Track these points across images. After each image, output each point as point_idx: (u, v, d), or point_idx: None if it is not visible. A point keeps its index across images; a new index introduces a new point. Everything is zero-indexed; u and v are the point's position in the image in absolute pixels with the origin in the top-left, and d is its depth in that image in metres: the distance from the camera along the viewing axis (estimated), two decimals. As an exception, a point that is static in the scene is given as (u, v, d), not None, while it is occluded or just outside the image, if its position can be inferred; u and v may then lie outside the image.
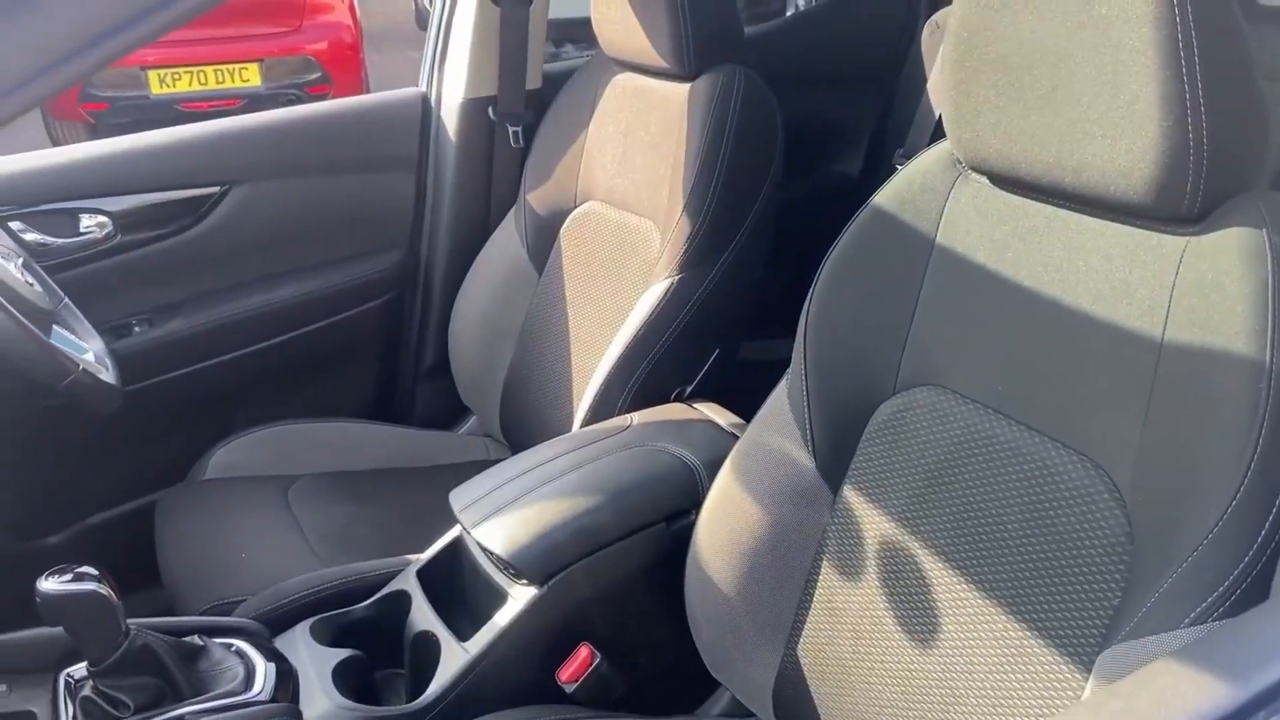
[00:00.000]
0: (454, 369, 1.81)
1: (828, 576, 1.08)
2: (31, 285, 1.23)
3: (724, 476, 1.13)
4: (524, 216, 1.73)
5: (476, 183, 1.83)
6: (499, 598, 1.15)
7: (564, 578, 1.14)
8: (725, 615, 1.11)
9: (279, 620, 1.23)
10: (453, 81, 1.81)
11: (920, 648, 0.99)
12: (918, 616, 1.00)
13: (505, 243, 1.75)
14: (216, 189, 1.70)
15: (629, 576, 1.18)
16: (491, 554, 1.14)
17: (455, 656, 1.13)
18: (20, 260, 1.34)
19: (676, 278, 1.40)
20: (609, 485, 1.19)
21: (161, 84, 5.13)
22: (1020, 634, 0.89)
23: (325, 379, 1.85)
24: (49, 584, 0.94)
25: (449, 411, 1.89)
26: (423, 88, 1.86)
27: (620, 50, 1.57)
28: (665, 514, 1.19)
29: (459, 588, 1.23)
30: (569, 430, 1.45)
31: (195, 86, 5.21)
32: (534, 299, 1.70)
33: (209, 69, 5.23)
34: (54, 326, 1.30)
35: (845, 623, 1.06)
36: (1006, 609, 0.92)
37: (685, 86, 1.47)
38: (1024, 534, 0.91)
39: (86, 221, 1.63)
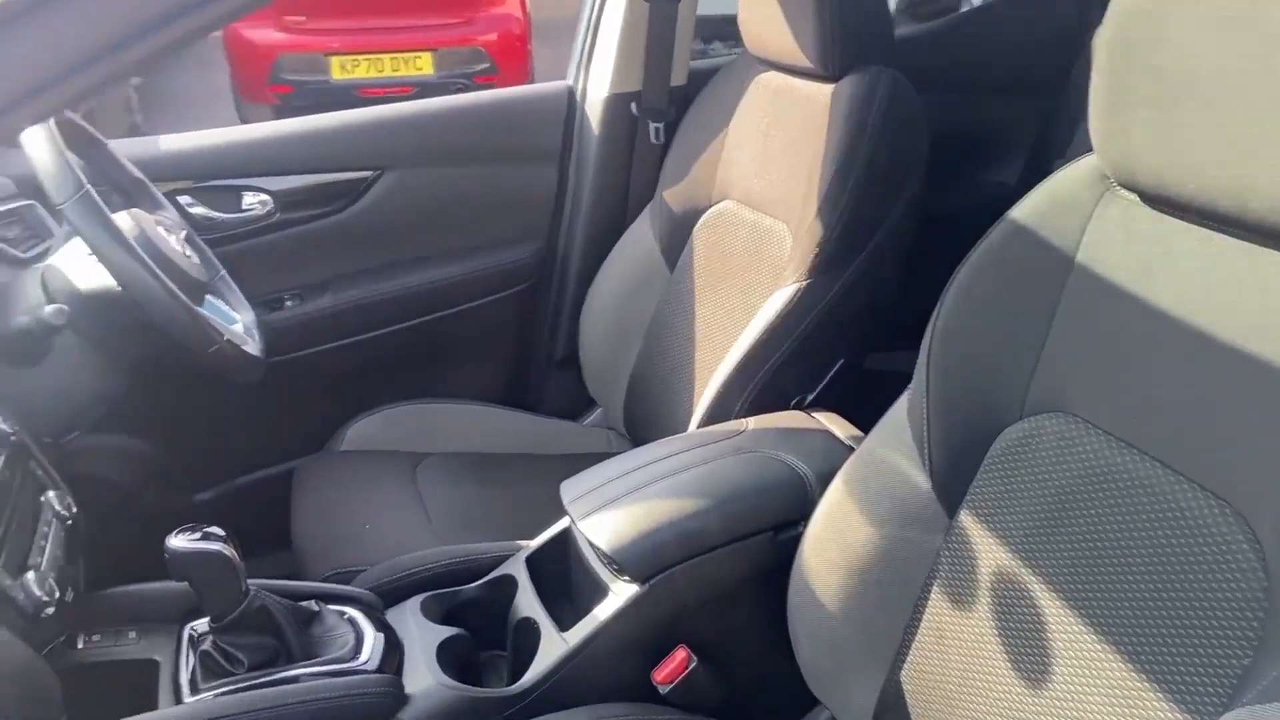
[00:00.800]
0: (582, 361, 1.83)
1: (938, 603, 1.03)
2: (189, 257, 1.31)
3: (835, 490, 1.10)
4: (659, 213, 1.73)
5: (616, 178, 1.84)
6: (601, 591, 1.16)
7: (666, 578, 1.13)
8: (828, 633, 1.08)
9: (393, 593, 1.27)
10: (598, 76, 1.82)
11: (1030, 687, 0.93)
12: (1030, 654, 0.95)
13: (639, 238, 1.76)
14: (370, 173, 1.78)
15: (732, 583, 1.17)
16: (596, 548, 1.15)
17: (554, 646, 1.14)
18: (184, 233, 1.43)
19: (804, 283, 1.37)
20: (718, 489, 1.17)
21: (342, 70, 5.40)
22: (1137, 684, 0.83)
23: (461, 362, 1.90)
24: (177, 541, 1.00)
25: (577, 402, 1.91)
26: (570, 81, 1.88)
27: (765, 48, 1.55)
28: (773, 523, 1.16)
29: (564, 577, 1.24)
30: (688, 429, 1.45)
31: (372, 73, 5.45)
32: (664, 296, 1.70)
33: (386, 57, 5.47)
34: (208, 296, 1.38)
35: (953, 652, 1.02)
36: (1124, 656, 0.86)
37: (829, 87, 1.43)
38: (1148, 578, 0.85)
39: (249, 199, 1.73)
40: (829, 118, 1.40)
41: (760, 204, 1.55)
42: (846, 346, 1.41)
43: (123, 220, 1.25)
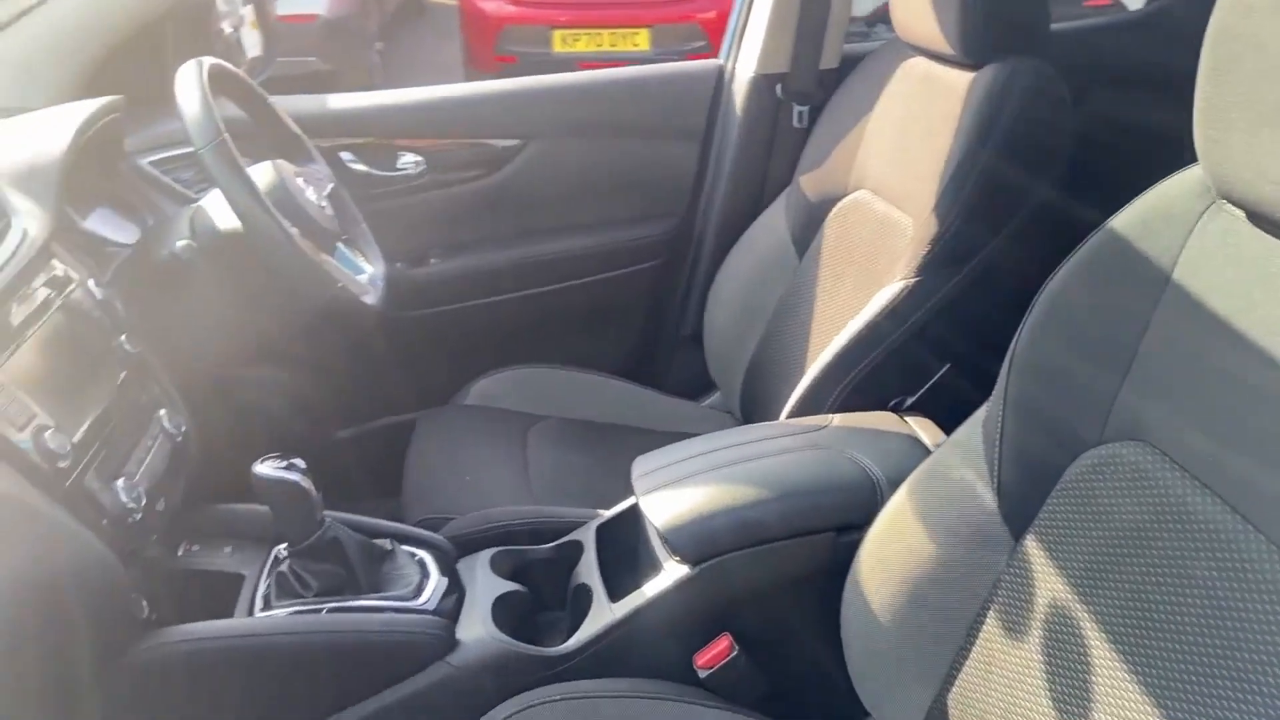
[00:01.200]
0: (706, 341, 1.82)
1: (991, 629, 0.98)
2: (324, 208, 1.40)
3: (900, 497, 1.05)
4: (794, 199, 1.70)
5: (755, 160, 1.82)
6: (654, 568, 1.16)
7: (717, 564, 1.12)
8: (879, 644, 1.04)
9: (470, 543, 1.33)
10: (747, 56, 1.80)
11: (1072, 731, 0.87)
12: (1075, 697, 0.88)
13: (773, 223, 1.73)
14: (517, 142, 1.84)
15: (787, 579, 1.14)
16: (652, 525, 1.15)
17: (601, 615, 1.16)
18: (329, 187, 1.53)
19: (913, 280, 1.31)
20: (783, 482, 1.15)
21: (563, 43, 5.57)
22: (1180, 739, 0.76)
23: (589, 332, 1.94)
24: (262, 468, 1.09)
25: (698, 383, 1.91)
26: (722, 60, 1.87)
27: (912, 33, 1.48)
28: (837, 524, 1.13)
29: (627, 550, 1.25)
30: (779, 419, 1.42)
31: (591, 48, 5.59)
32: (790, 283, 1.67)
33: (605, 32, 5.59)
34: (339, 246, 1.47)
35: (999, 682, 0.96)
36: (1171, 708, 0.79)
37: (969, 75, 1.36)
38: (1203, 630, 0.77)
39: (404, 159, 1.83)
40: (962, 107, 1.33)
41: (892, 195, 1.49)
42: (954, 351, 1.34)
43: (263, 169, 1.36)
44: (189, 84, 1.26)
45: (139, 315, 1.24)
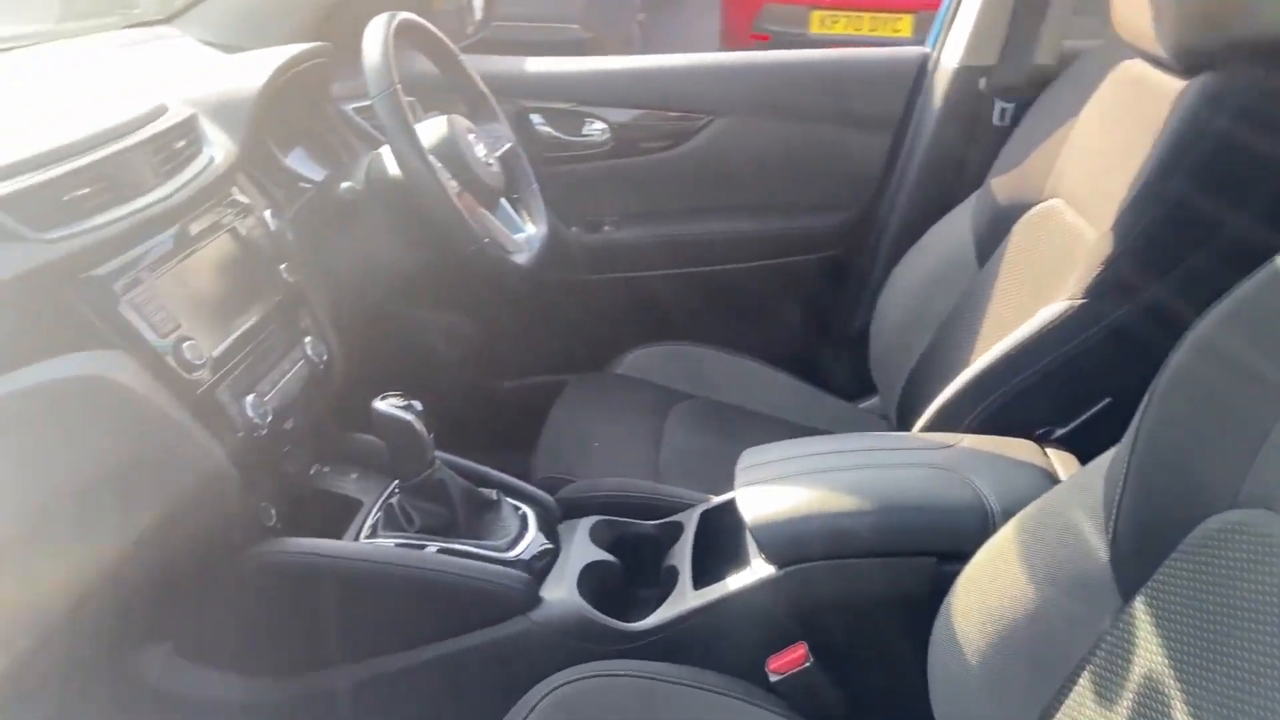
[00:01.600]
0: (871, 341, 1.75)
1: (1084, 690, 0.89)
2: (490, 165, 1.45)
3: (1006, 532, 0.97)
4: (983, 201, 1.59)
5: (948, 157, 1.72)
6: (742, 563, 1.13)
7: (803, 570, 1.08)
8: (965, 683, 0.97)
9: (577, 507, 1.35)
10: (953, 45, 1.70)
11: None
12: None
13: (957, 224, 1.63)
14: (704, 117, 1.82)
15: (876, 597, 1.08)
16: (743, 520, 1.12)
17: (682, 599, 1.14)
18: (506, 146, 1.58)
19: (1078, 301, 1.20)
20: (886, 497, 1.09)
21: (821, 24, 5.48)
22: None
23: (752, 316, 1.91)
24: (380, 404, 1.14)
25: (857, 383, 1.84)
26: (927, 48, 1.77)
27: (1129, 31, 1.34)
28: (938, 549, 1.06)
29: (724, 540, 1.22)
30: (909, 429, 1.34)
31: (850, 30, 5.47)
32: (966, 291, 1.56)
33: (866, 15, 5.44)
34: (503, 203, 1.52)
35: (1080, 755, 0.87)
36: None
37: (1181, 85, 1.21)
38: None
39: (591, 126, 1.86)
40: (1164, 121, 1.19)
41: (1084, 206, 1.37)
42: (1117, 385, 1.21)
43: (436, 123, 1.42)
44: (374, 35, 1.33)
45: (308, 248, 1.33)
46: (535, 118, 1.84)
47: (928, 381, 1.57)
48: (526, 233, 1.52)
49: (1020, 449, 1.18)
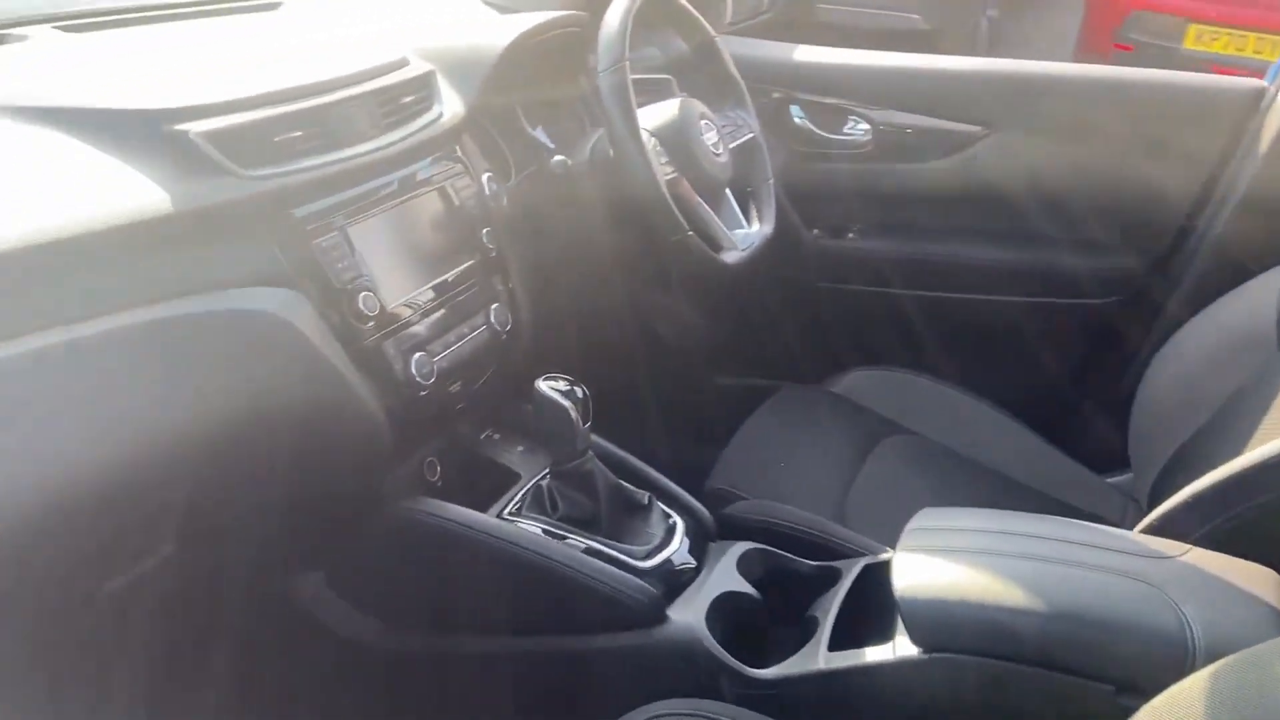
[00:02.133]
0: (1134, 409, 1.51)
1: None
2: (718, 155, 1.38)
3: (1200, 677, 0.78)
4: (1301, 268, 1.31)
5: (1269, 210, 1.43)
6: (886, 634, 1.00)
7: (949, 660, 0.93)
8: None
9: (737, 528, 1.26)
10: (1299, 77, 1.41)
11: None
12: None
13: (1260, 292, 1.36)
14: (978, 129, 1.64)
15: (1031, 714, 0.92)
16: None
17: (812, 657, 1.03)
18: (747, 138, 1.50)
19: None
20: (1065, 602, 0.91)
21: (1198, 40, 4.90)
22: None
23: (999, 356, 1.71)
24: (542, 384, 1.12)
25: (1109, 454, 1.60)
26: (1265, 82, 1.49)
27: None
28: (1115, 677, 0.88)
29: (878, 601, 1.09)
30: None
31: (1230, 50, 4.86)
32: (1259, 373, 1.31)
33: (1251, 35, 4.82)
34: (728, 195, 1.44)
35: None
36: None
37: None
38: None
39: (852, 125, 1.73)
40: None
41: None
42: None
43: (667, 105, 1.36)
44: (618, 7, 1.30)
45: (520, 217, 1.32)
46: (795, 109, 1.75)
47: (1195, 469, 1.32)
48: (746, 230, 1.44)
49: (1256, 578, 0.95)
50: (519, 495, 1.22)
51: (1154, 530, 1.09)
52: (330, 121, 1.07)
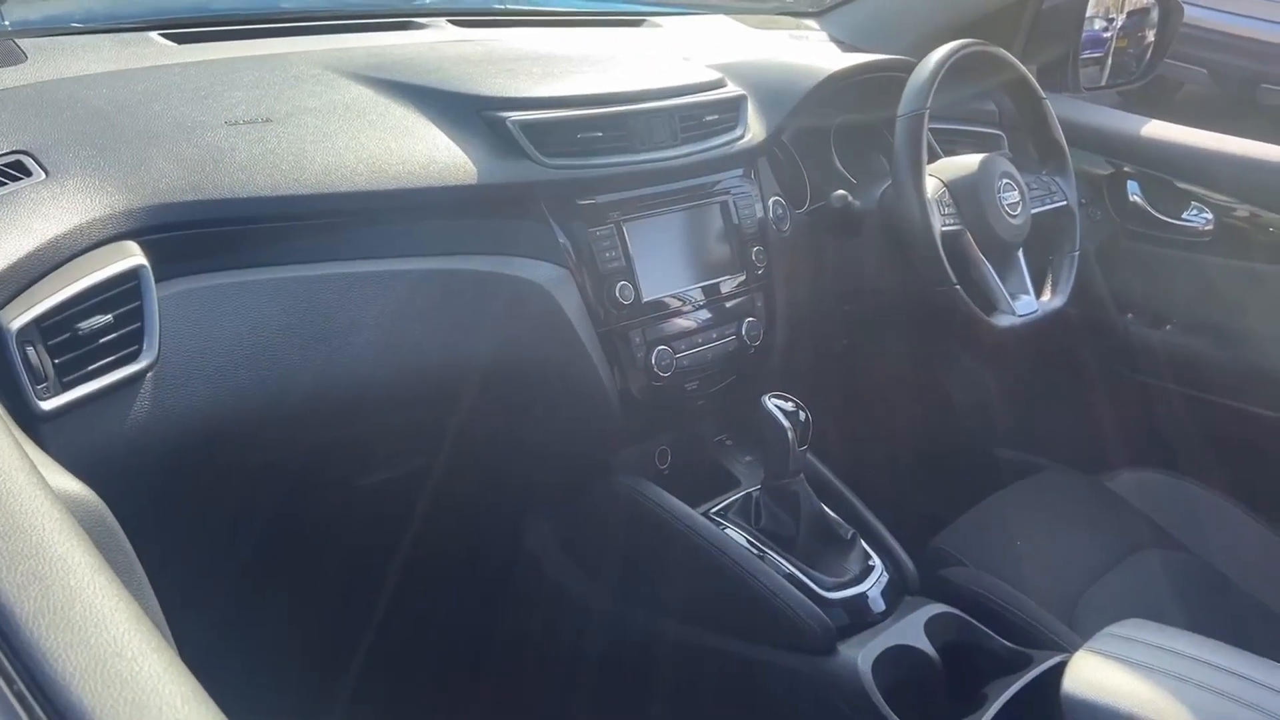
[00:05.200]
0: None
1: None
2: (1012, 217, 1.34)
3: None
4: None
5: None
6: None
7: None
8: None
9: (942, 591, 1.23)
10: None
11: None
12: None
13: None
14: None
15: None
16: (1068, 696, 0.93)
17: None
18: (1059, 204, 1.44)
19: None
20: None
21: None
22: None
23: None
24: (767, 399, 1.18)
25: None
26: None
27: None
28: None
29: (1059, 700, 1.03)
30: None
31: None
32: None
33: None
34: (1019, 259, 1.39)
35: None
36: None
37: None
38: None
39: (1194, 212, 1.60)
40: None
41: None
42: None
43: (970, 159, 1.36)
44: (934, 56, 1.31)
45: (803, 246, 1.38)
46: (1132, 184, 1.64)
47: None
48: (1031, 299, 1.38)
49: None
50: (730, 500, 1.28)
51: None
52: (630, 128, 1.20)
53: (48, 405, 0.77)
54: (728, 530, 1.23)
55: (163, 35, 1.17)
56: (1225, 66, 4.17)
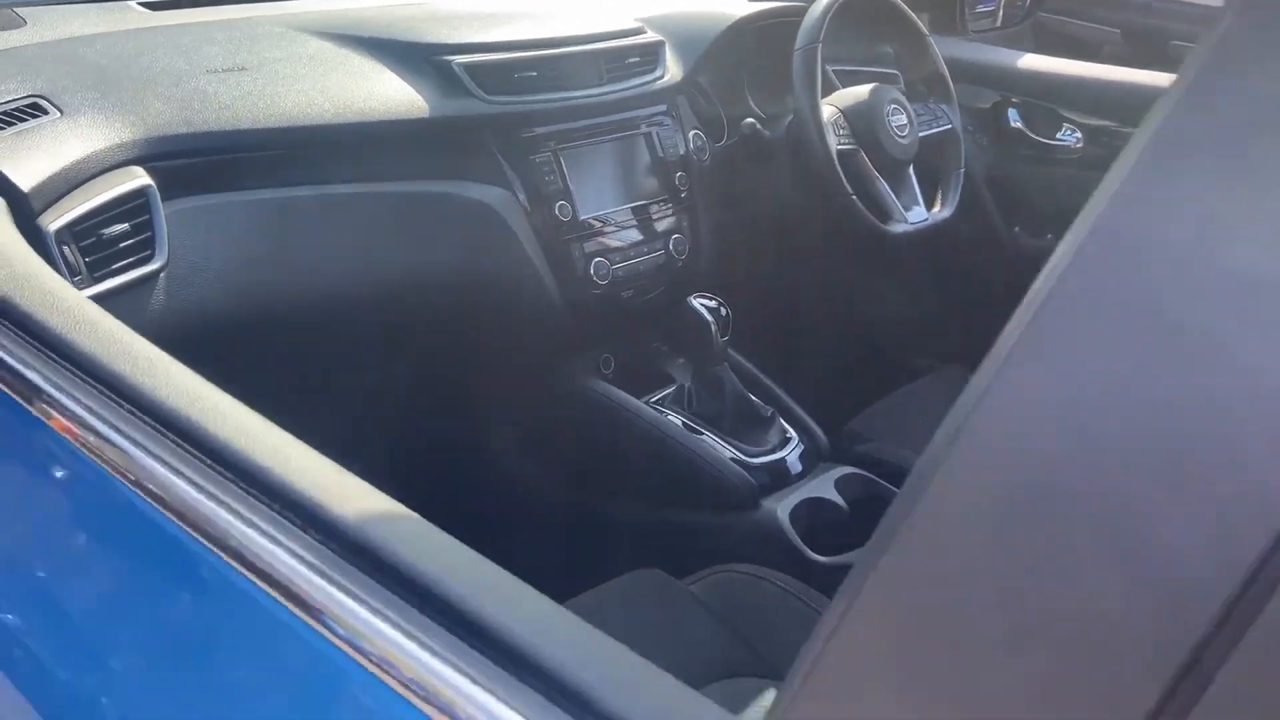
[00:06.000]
0: None
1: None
2: (901, 138, 1.53)
3: None
4: None
5: None
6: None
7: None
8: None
9: (851, 458, 1.43)
10: None
11: None
12: None
13: None
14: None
15: None
16: None
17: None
18: (944, 127, 1.63)
19: None
20: None
21: None
22: None
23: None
24: (693, 300, 1.36)
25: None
26: None
27: None
28: None
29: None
30: None
31: None
32: None
33: None
34: (911, 176, 1.58)
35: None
36: None
37: None
38: None
39: (1067, 132, 1.80)
40: None
41: None
42: None
43: (862, 89, 1.54)
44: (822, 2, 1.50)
45: (719, 172, 1.56)
46: (1012, 112, 1.85)
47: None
48: (921, 210, 1.58)
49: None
50: (666, 392, 1.47)
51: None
52: (561, 68, 1.38)
53: (85, 293, 0.93)
54: (667, 414, 1.42)
55: (140, 4, 1.32)
56: (1138, 26, 4.46)
